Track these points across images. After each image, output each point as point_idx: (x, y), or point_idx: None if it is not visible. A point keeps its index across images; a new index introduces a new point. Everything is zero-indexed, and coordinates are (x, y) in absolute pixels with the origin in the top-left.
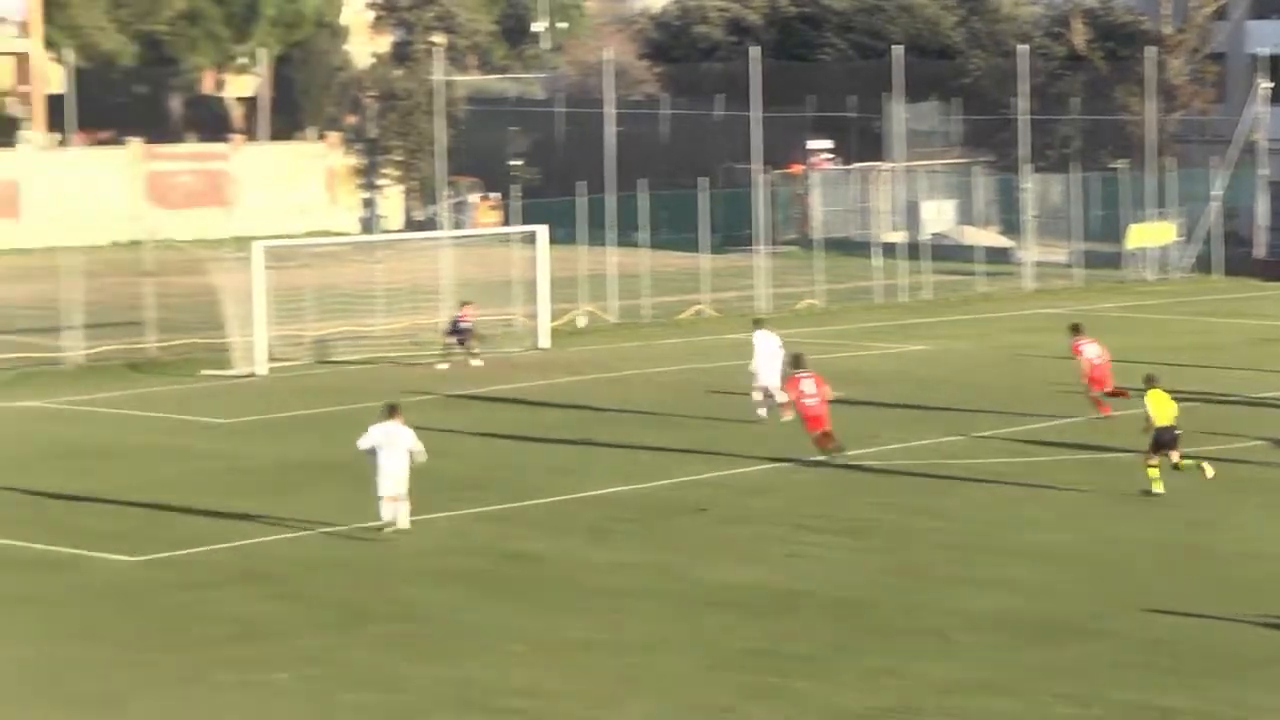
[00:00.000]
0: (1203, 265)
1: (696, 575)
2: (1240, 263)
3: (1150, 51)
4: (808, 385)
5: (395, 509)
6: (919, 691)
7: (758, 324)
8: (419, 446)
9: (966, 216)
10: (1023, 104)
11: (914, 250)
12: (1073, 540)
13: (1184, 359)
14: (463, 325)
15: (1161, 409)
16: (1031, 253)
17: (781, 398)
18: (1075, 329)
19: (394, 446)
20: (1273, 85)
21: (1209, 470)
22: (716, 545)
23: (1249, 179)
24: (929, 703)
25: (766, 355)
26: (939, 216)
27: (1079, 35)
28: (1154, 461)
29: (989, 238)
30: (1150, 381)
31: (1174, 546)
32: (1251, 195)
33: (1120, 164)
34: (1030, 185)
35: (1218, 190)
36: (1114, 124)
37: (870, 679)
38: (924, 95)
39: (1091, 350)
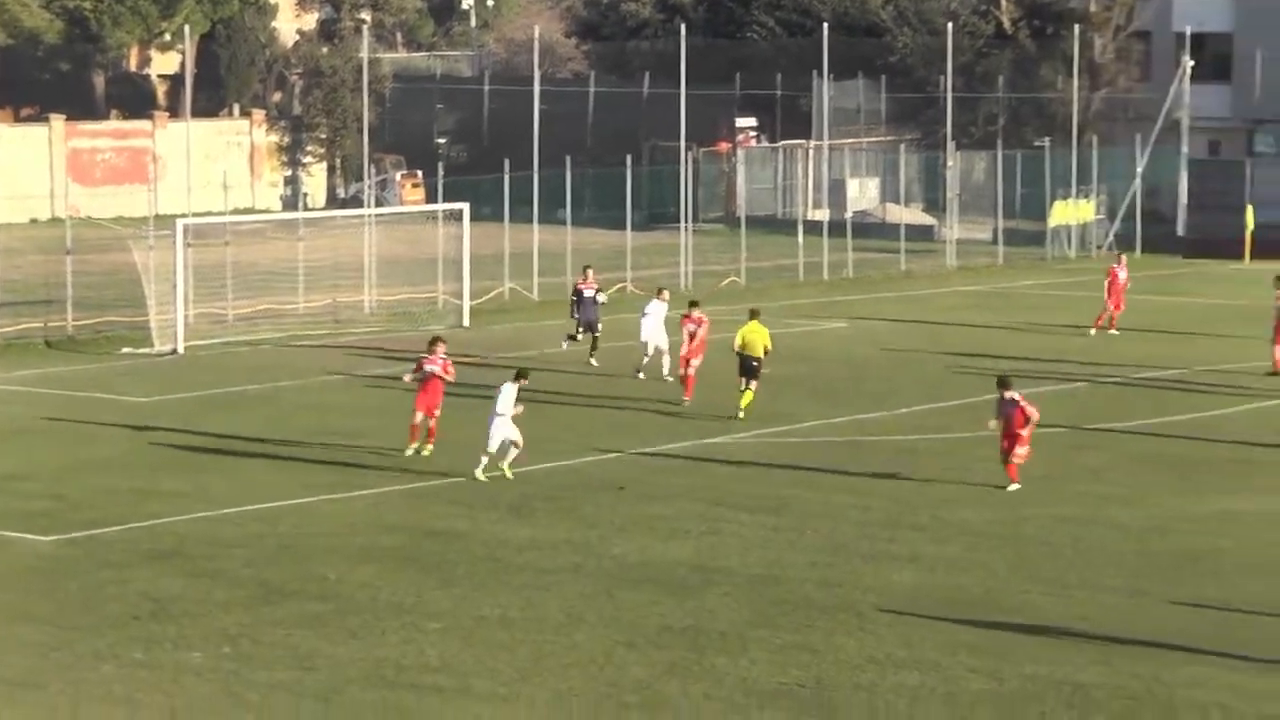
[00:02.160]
0: (1123, 243)
1: (615, 552)
2: (1161, 240)
3: (1075, 30)
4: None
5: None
6: (834, 667)
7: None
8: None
9: (891, 194)
10: (948, 82)
11: (838, 228)
12: (989, 517)
13: (1104, 336)
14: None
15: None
16: (954, 230)
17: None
18: None
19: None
20: (1194, 63)
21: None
22: (635, 523)
23: (1171, 157)
24: (843, 678)
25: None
26: (863, 194)
27: (1006, 13)
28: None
29: (912, 215)
30: (753, 314)
31: (1089, 522)
32: (1173, 173)
33: (1044, 142)
34: (954, 163)
35: (1139, 169)
36: (1039, 102)
37: (786, 655)
38: (851, 73)
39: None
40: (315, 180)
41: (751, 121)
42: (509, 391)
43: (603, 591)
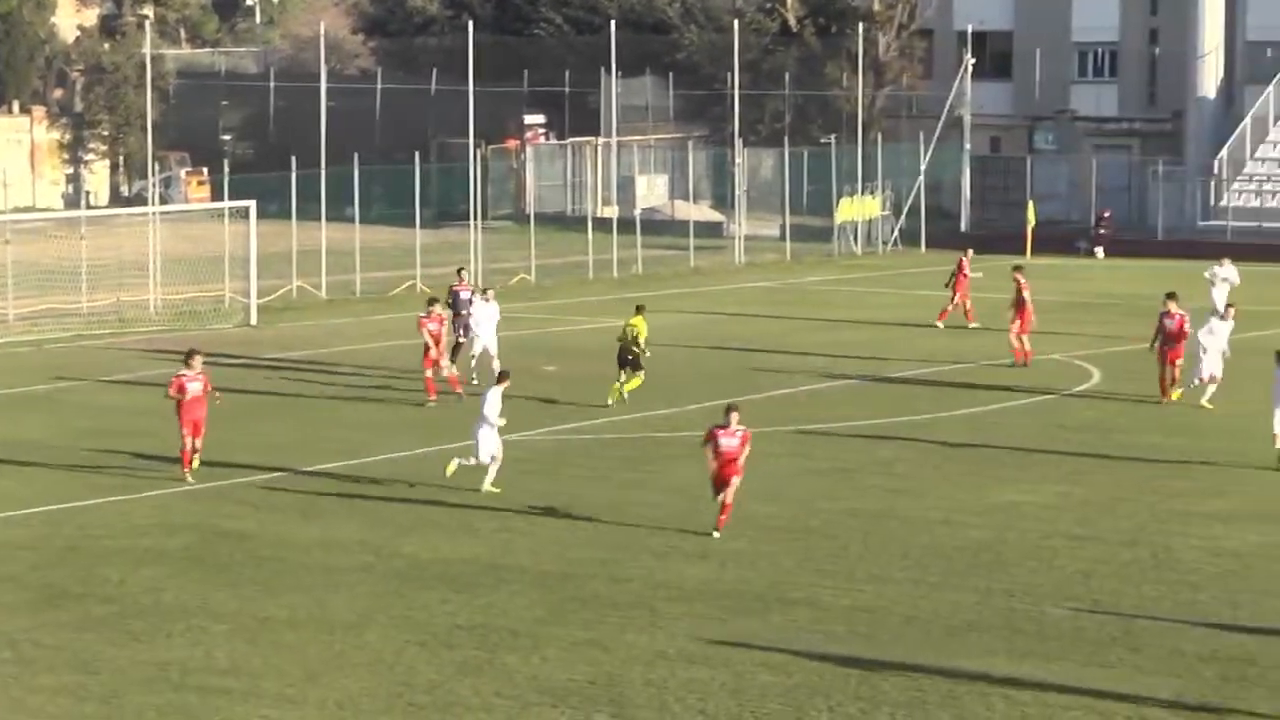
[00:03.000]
0: (907, 239)
1: (406, 551)
2: (945, 236)
3: (860, 27)
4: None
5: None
6: (625, 663)
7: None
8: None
9: (680, 191)
10: (735, 79)
11: (627, 225)
12: (778, 510)
13: (892, 332)
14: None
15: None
16: (743, 227)
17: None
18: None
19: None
20: (976, 61)
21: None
22: (426, 521)
23: (954, 154)
24: (634, 674)
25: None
26: (652, 191)
27: (791, 11)
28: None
29: (701, 212)
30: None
31: (876, 515)
32: (957, 169)
33: (830, 139)
34: (742, 160)
35: (923, 165)
36: (825, 99)
37: (577, 651)
38: (639, 70)
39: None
40: (98, 178)
41: (540, 118)
42: (495, 397)
43: (393, 591)
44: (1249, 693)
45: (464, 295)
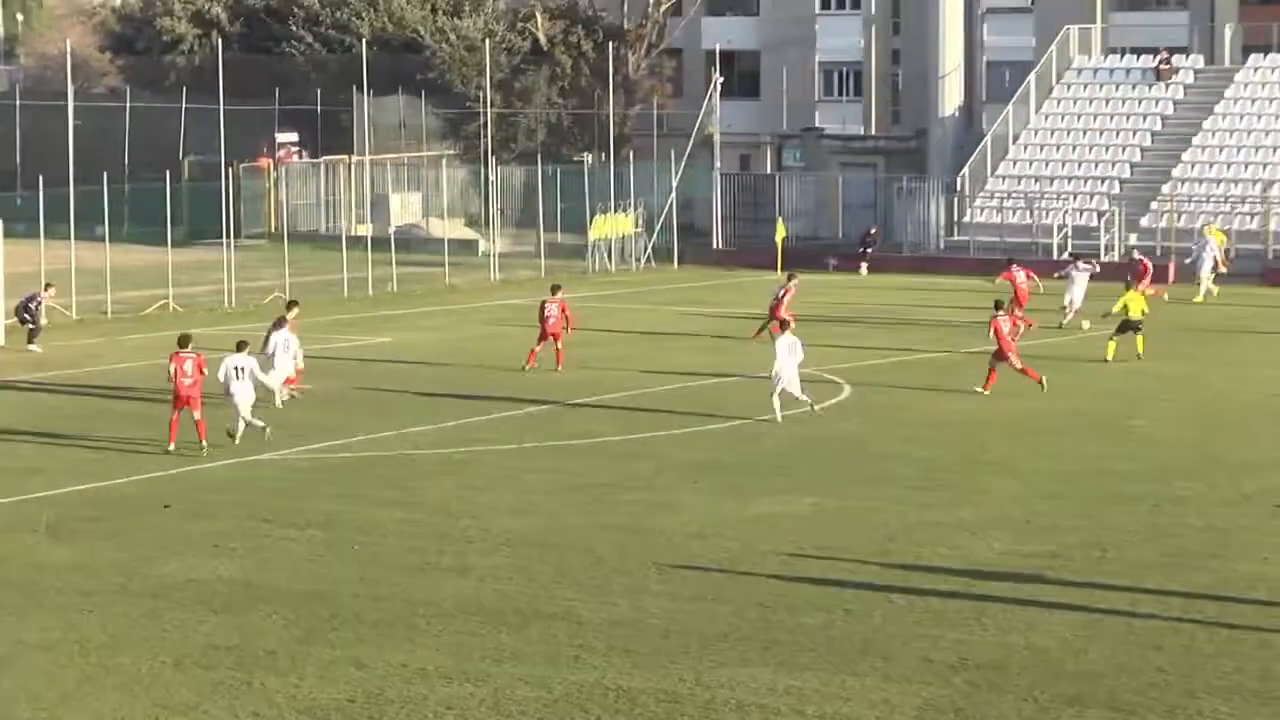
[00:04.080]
0: (661, 255)
1: (160, 572)
2: (698, 252)
3: (610, 46)
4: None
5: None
6: (384, 681)
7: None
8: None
9: (434, 209)
10: (487, 97)
11: (382, 243)
12: (534, 525)
13: (647, 346)
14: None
15: None
16: (497, 244)
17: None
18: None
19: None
20: (724, 80)
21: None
22: (181, 541)
23: (705, 171)
24: (394, 691)
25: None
26: (406, 209)
27: (542, 30)
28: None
29: (456, 230)
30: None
31: (631, 529)
32: (707, 187)
33: (583, 156)
34: (496, 178)
35: (674, 182)
36: (578, 117)
37: (336, 670)
38: (391, 89)
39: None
40: None
41: (293, 137)
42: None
43: (148, 612)
44: (999, 699)
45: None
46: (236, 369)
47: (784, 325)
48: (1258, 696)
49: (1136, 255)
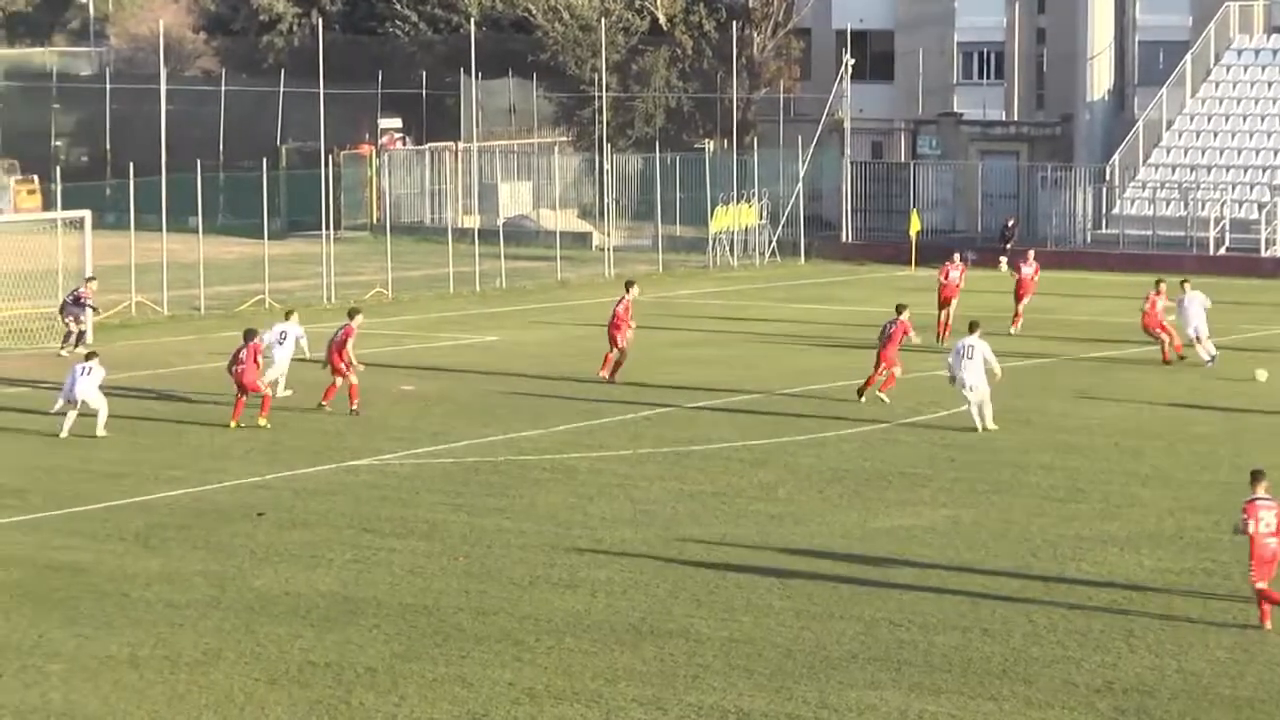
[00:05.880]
0: (786, 249)
1: (254, 584)
2: (825, 246)
3: (734, 26)
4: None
5: None
6: (489, 700)
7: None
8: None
9: (545, 200)
10: (602, 80)
11: (490, 236)
12: (650, 536)
13: (770, 348)
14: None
15: None
16: (611, 237)
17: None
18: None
19: None
20: (855, 62)
21: None
22: (276, 551)
23: (834, 159)
24: (499, 712)
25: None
26: (516, 200)
27: (661, 9)
28: None
29: (568, 222)
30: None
31: (755, 542)
32: (836, 176)
33: (705, 144)
34: (611, 166)
35: (801, 171)
36: (699, 102)
37: (438, 689)
38: (500, 71)
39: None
40: None
41: (396, 122)
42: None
43: (241, 626)
44: None
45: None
46: (281, 334)
47: (973, 327)
48: None
49: None
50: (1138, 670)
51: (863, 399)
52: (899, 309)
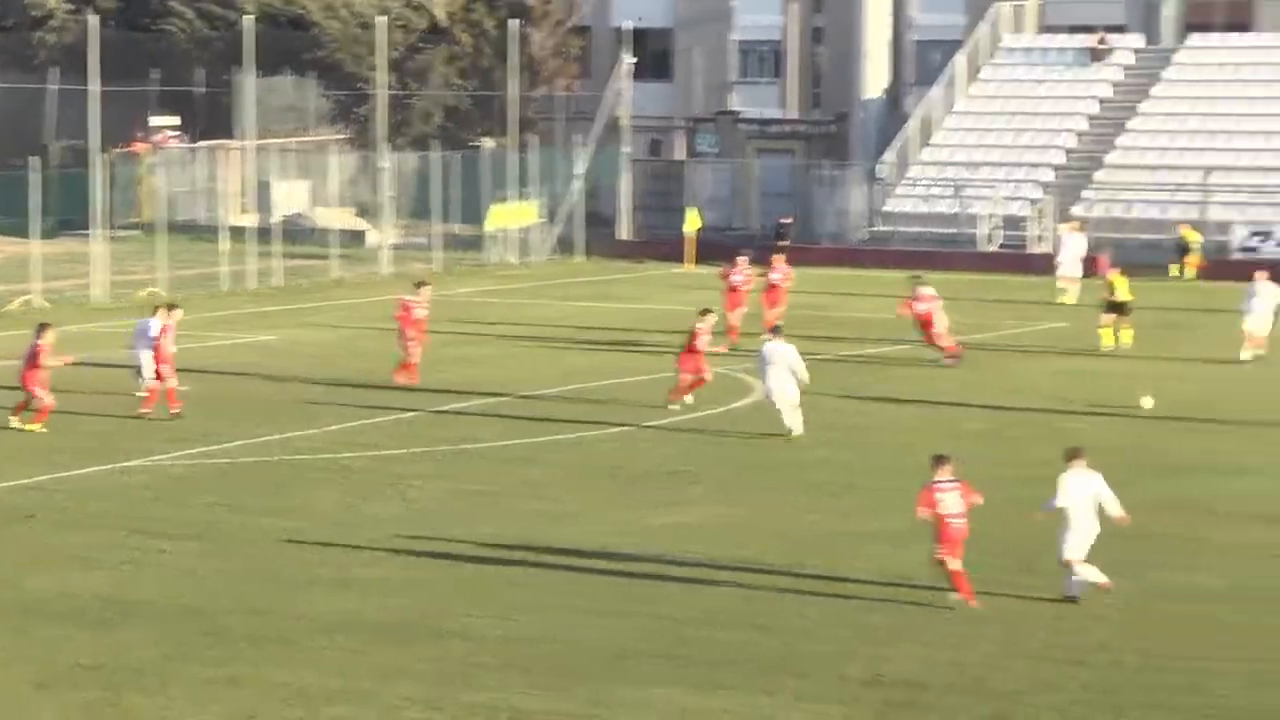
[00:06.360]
0: (565, 247)
1: (25, 585)
2: (603, 244)
3: (513, 25)
4: None
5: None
6: (261, 701)
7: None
8: (801, 365)
9: (321, 198)
10: (381, 78)
11: (265, 234)
12: (424, 535)
13: (545, 347)
14: None
15: None
16: (389, 235)
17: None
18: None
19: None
20: (635, 60)
21: None
22: (48, 553)
23: (612, 157)
24: (270, 712)
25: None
26: (292, 197)
27: (439, 7)
28: None
29: (344, 219)
30: None
31: (525, 540)
32: (615, 174)
33: (483, 142)
34: (388, 164)
35: (580, 169)
36: (478, 100)
37: (208, 690)
38: (278, 69)
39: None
40: None
41: (171, 120)
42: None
43: (11, 629)
44: (915, 717)
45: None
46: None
47: (775, 331)
48: (1187, 713)
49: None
50: (908, 663)
51: (677, 405)
52: (703, 313)
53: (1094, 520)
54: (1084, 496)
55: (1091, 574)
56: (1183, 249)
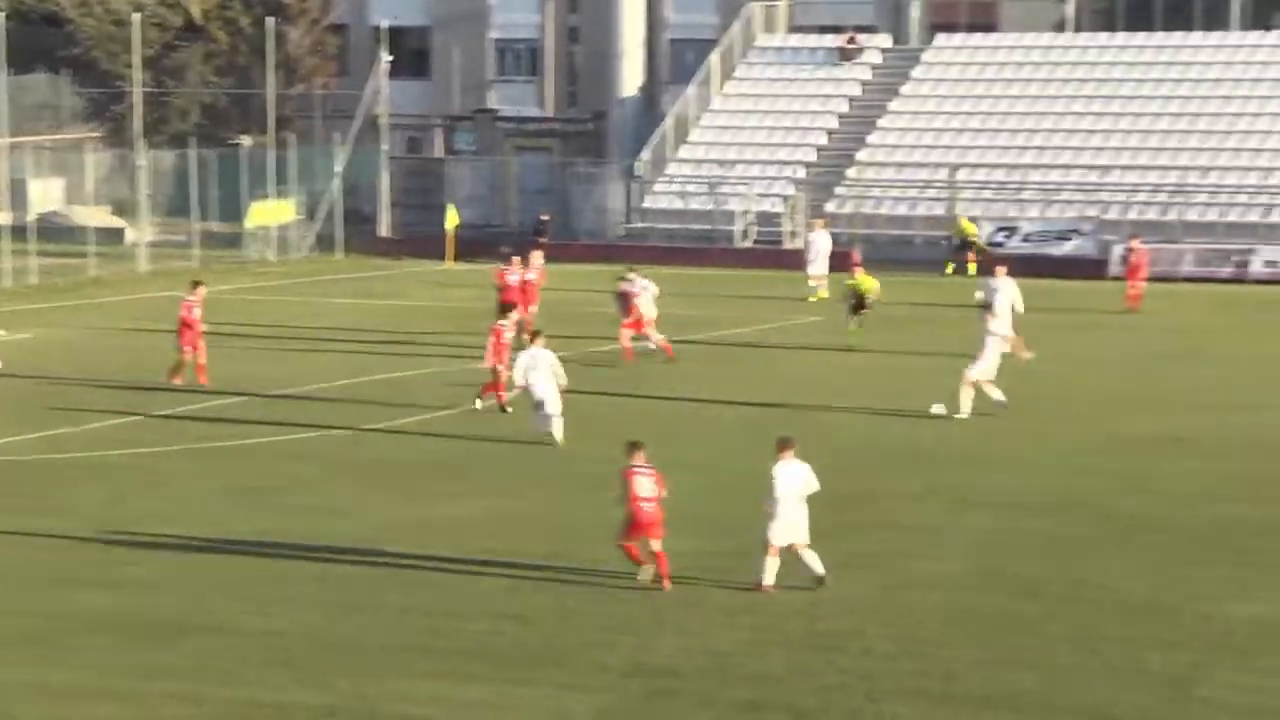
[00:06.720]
0: (324, 244)
1: None
2: (363, 241)
3: (269, 22)
4: None
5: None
6: (14, 702)
7: None
8: (560, 369)
9: (77, 195)
10: (137, 76)
11: (20, 232)
12: (185, 532)
13: (306, 343)
14: None
15: None
16: (146, 233)
17: None
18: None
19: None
20: (393, 59)
21: None
22: None
23: (371, 155)
24: (26, 713)
25: None
26: (47, 196)
27: (195, 4)
28: None
29: (101, 217)
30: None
31: (293, 535)
32: (374, 171)
33: (241, 140)
34: (145, 162)
35: (338, 167)
36: (235, 98)
37: None
38: (31, 66)
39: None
40: None
41: None
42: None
43: None
44: (676, 705)
45: None
46: None
47: (534, 336)
48: (939, 699)
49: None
50: (667, 652)
51: (507, 410)
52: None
53: (801, 508)
54: (792, 486)
55: (813, 561)
56: (964, 244)
